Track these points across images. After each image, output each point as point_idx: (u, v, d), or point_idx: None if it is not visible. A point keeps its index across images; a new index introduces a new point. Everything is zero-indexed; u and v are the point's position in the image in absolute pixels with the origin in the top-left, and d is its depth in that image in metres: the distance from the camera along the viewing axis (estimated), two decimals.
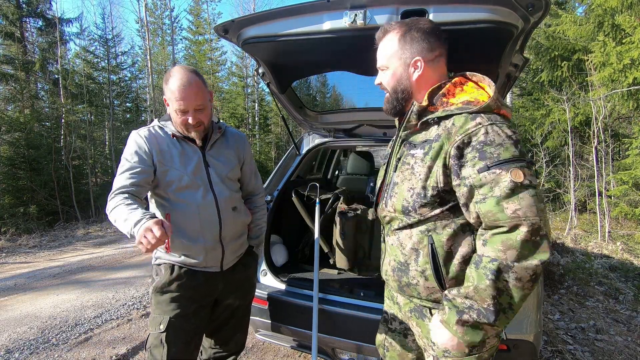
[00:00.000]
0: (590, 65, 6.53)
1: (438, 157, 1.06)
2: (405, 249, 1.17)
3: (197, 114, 1.50)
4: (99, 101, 13.45)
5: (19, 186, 8.79)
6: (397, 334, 1.35)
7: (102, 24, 15.13)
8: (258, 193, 1.92)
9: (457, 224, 1.09)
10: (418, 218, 1.11)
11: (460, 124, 1.03)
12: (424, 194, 1.08)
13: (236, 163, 1.72)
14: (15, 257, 6.07)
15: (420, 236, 1.13)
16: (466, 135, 1.01)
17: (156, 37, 21.33)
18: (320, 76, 2.65)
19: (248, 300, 1.89)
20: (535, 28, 1.41)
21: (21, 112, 9.54)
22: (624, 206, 6.41)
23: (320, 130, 2.67)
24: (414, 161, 1.12)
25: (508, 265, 0.94)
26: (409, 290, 1.19)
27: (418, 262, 1.14)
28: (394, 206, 1.17)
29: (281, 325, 2.09)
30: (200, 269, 1.60)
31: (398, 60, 1.15)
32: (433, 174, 1.07)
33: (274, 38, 1.59)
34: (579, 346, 2.85)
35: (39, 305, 3.73)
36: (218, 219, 1.58)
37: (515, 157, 0.96)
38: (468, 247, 1.09)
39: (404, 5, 1.35)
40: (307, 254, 2.78)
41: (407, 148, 1.18)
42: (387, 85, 1.20)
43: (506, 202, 0.94)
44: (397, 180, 1.18)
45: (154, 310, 1.57)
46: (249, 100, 20.28)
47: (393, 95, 1.20)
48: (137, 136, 1.54)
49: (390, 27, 1.17)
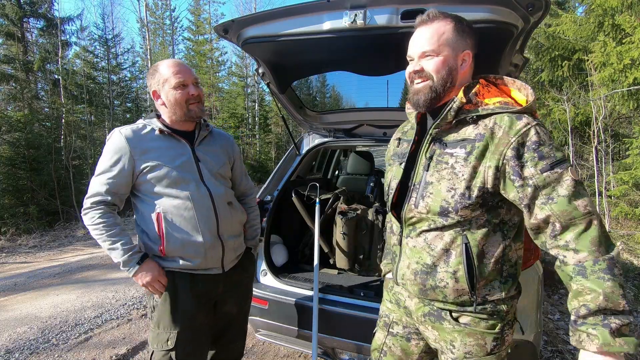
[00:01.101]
0: (590, 65, 6.53)
1: (484, 158, 1.04)
2: (435, 250, 1.12)
3: (196, 88, 1.52)
4: (99, 101, 13.45)
5: (19, 186, 8.78)
6: (400, 338, 1.31)
7: (102, 24, 15.15)
8: (250, 194, 1.90)
9: (491, 223, 1.09)
10: (457, 220, 1.08)
11: (508, 124, 1.02)
12: (469, 194, 1.05)
13: (226, 161, 1.69)
14: (15, 257, 6.07)
15: (454, 235, 1.10)
16: (519, 136, 1.01)
17: (157, 37, 21.33)
18: (320, 76, 2.65)
19: (246, 306, 1.84)
20: (536, 28, 1.41)
21: (21, 112, 9.53)
22: (624, 206, 6.41)
23: (320, 130, 2.67)
24: (454, 160, 1.08)
25: (609, 257, 0.94)
26: (433, 294, 1.15)
27: (449, 263, 1.10)
28: (427, 207, 1.11)
29: (281, 325, 2.09)
30: (201, 272, 1.54)
31: (451, 49, 1.10)
32: (479, 174, 1.05)
33: (274, 38, 1.59)
34: None
35: (39, 305, 3.73)
36: (214, 212, 1.53)
37: (565, 157, 1.00)
38: (498, 247, 1.09)
39: (404, 5, 1.35)
40: (307, 254, 2.77)
41: (439, 147, 1.13)
42: (434, 72, 1.11)
43: (576, 200, 0.96)
44: (431, 179, 1.12)
45: (157, 325, 1.49)
46: (249, 100, 20.29)
47: (439, 83, 1.11)
48: (119, 135, 1.48)
49: (438, 15, 1.11)
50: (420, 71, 1.13)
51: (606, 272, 0.93)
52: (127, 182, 1.47)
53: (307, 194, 2.57)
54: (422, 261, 1.15)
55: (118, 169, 1.45)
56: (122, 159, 1.45)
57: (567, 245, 0.97)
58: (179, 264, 1.50)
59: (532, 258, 1.75)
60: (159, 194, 1.49)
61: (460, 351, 1.13)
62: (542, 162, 0.98)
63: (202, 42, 20.55)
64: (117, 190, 1.47)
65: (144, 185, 1.49)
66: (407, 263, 1.19)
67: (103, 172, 1.46)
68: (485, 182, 1.04)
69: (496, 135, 1.03)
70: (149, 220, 1.49)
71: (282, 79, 2.13)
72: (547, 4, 1.23)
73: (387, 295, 1.38)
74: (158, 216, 1.47)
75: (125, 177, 1.46)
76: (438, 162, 1.12)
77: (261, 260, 2.29)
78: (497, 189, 1.05)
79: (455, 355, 1.13)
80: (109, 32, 15.40)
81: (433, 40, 1.10)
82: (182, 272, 1.51)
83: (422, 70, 1.12)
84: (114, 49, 15.32)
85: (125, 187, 1.49)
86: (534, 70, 9.57)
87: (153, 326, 1.50)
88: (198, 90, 1.53)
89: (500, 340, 1.13)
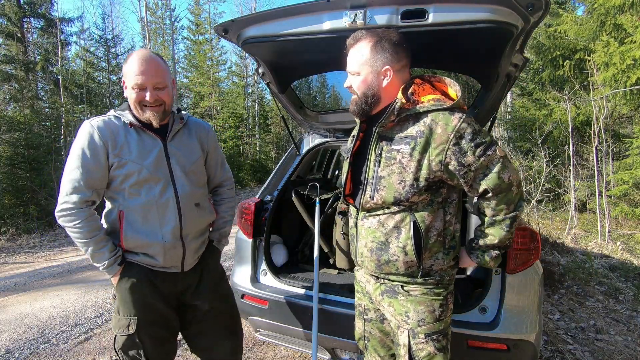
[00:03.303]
0: (592, 65, 6.53)
1: (426, 152, 1.20)
2: (387, 229, 1.28)
3: (157, 92, 1.42)
4: (99, 101, 13.46)
5: (19, 186, 8.79)
6: (375, 322, 1.46)
7: (102, 24, 15.16)
8: (226, 184, 1.82)
9: (435, 202, 1.26)
10: (408, 205, 1.25)
11: (444, 121, 1.19)
12: (416, 185, 1.21)
13: (200, 155, 1.62)
14: (15, 257, 6.07)
15: (403, 215, 1.26)
16: (456, 131, 1.17)
17: (157, 36, 21.33)
18: (320, 76, 2.65)
19: (222, 303, 1.71)
20: (536, 28, 1.40)
21: (21, 112, 9.53)
22: (624, 206, 6.41)
23: (320, 130, 2.67)
24: (401, 156, 1.23)
25: (514, 215, 1.24)
26: (387, 268, 1.31)
27: (400, 239, 1.26)
28: (382, 199, 1.26)
29: (281, 325, 2.08)
30: (159, 269, 1.51)
31: (369, 68, 1.26)
32: (424, 166, 1.21)
33: (274, 38, 1.59)
34: (579, 346, 2.85)
35: (39, 305, 3.73)
36: (178, 215, 1.48)
37: (493, 138, 1.22)
38: (440, 222, 1.28)
39: (404, 5, 1.34)
40: (307, 254, 2.77)
41: (386, 143, 1.28)
42: (357, 89, 1.30)
43: (502, 173, 1.19)
44: (382, 174, 1.27)
45: (117, 311, 1.49)
46: (249, 100, 20.30)
47: (362, 99, 1.30)
48: (90, 127, 1.41)
49: (362, 36, 1.27)
50: (349, 87, 1.33)
51: (507, 225, 1.25)
52: (104, 175, 1.42)
53: (307, 194, 2.57)
54: (377, 239, 1.31)
55: (94, 163, 1.39)
56: (97, 152, 1.39)
57: (489, 204, 1.25)
58: (138, 257, 1.49)
59: (532, 258, 1.75)
60: (123, 191, 1.44)
61: (413, 320, 1.29)
62: (478, 149, 1.17)
63: (202, 42, 20.55)
64: (95, 185, 1.41)
65: (112, 181, 1.45)
66: (363, 242, 1.35)
67: (78, 167, 1.38)
68: (430, 172, 1.21)
69: (435, 131, 1.19)
70: (111, 214, 1.48)
71: (282, 79, 2.13)
72: (547, 4, 1.23)
73: (357, 286, 1.54)
74: (120, 214, 1.44)
75: (101, 170, 1.41)
76: (387, 158, 1.26)
77: (261, 260, 2.29)
78: (440, 176, 1.22)
79: (410, 325, 1.29)
80: (109, 32, 15.41)
81: (354, 60, 1.29)
82: (141, 265, 1.50)
83: (350, 87, 1.32)
84: (114, 49, 15.32)
85: (101, 181, 1.43)
86: (535, 70, 9.57)
87: (114, 312, 1.51)
88: (158, 96, 1.43)
89: (446, 307, 1.32)
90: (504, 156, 1.20)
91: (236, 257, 2.36)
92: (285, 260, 2.54)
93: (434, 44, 1.54)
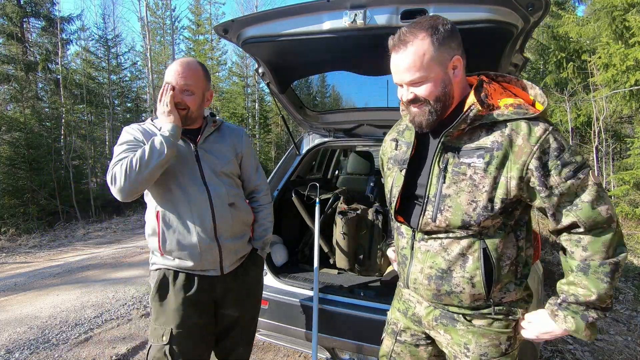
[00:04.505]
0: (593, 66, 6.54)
1: (504, 167, 1.00)
2: (451, 255, 1.08)
3: (183, 95, 1.47)
4: (99, 101, 13.45)
5: (19, 186, 8.80)
6: (408, 345, 1.28)
7: (103, 24, 15.16)
8: (261, 191, 1.80)
9: (507, 225, 1.07)
10: (478, 230, 1.05)
11: (527, 131, 0.99)
12: (491, 207, 1.01)
13: (232, 157, 1.63)
14: (15, 257, 6.07)
15: (471, 241, 1.06)
16: (541, 144, 0.98)
17: (157, 36, 21.34)
18: (320, 76, 2.65)
19: (251, 310, 1.74)
20: (536, 28, 1.40)
21: (21, 112, 9.53)
22: (624, 206, 6.41)
23: (320, 130, 2.67)
24: (473, 171, 1.03)
25: (614, 262, 0.98)
26: (448, 299, 1.11)
27: (466, 268, 1.07)
28: (447, 221, 1.06)
29: (281, 325, 2.08)
30: (198, 273, 1.52)
31: (438, 66, 1.02)
32: (500, 185, 1.01)
33: (274, 38, 1.59)
34: (578, 346, 2.85)
35: (39, 305, 3.73)
36: (211, 214, 1.49)
37: (585, 161, 1.00)
38: (513, 248, 1.09)
39: (404, 5, 1.35)
40: (307, 254, 2.77)
41: (452, 155, 1.07)
42: (429, 96, 1.04)
43: (597, 205, 0.97)
44: (448, 192, 1.06)
45: (155, 321, 1.49)
46: (249, 100, 20.29)
47: (436, 105, 1.05)
48: (131, 129, 1.52)
49: (409, 34, 1.01)
50: (414, 99, 1.06)
51: (607, 274, 0.98)
52: None
53: (307, 194, 2.57)
54: (437, 266, 1.11)
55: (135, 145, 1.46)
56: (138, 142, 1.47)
57: (579, 241, 1.00)
58: (175, 262, 1.49)
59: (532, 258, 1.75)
60: (159, 191, 1.48)
61: (475, 353, 1.11)
62: (566, 169, 0.97)
63: (202, 42, 20.55)
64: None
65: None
66: (419, 267, 1.15)
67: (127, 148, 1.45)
68: (508, 192, 1.01)
69: (515, 143, 1.00)
70: (151, 216, 1.51)
71: (282, 79, 2.13)
72: (547, 4, 1.23)
73: (397, 303, 1.34)
74: (157, 214, 1.48)
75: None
76: (455, 173, 1.06)
77: None
78: (519, 196, 1.03)
79: (470, 358, 1.11)
80: (109, 32, 15.42)
81: (414, 65, 1.01)
82: (178, 270, 1.51)
83: (415, 98, 1.06)
84: (115, 49, 15.32)
85: None
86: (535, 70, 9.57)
87: (152, 321, 1.51)
88: (183, 99, 1.48)
89: (513, 339, 1.13)
90: (598, 184, 0.98)
91: None
92: (285, 260, 2.54)
93: None
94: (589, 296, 0.99)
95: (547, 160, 0.98)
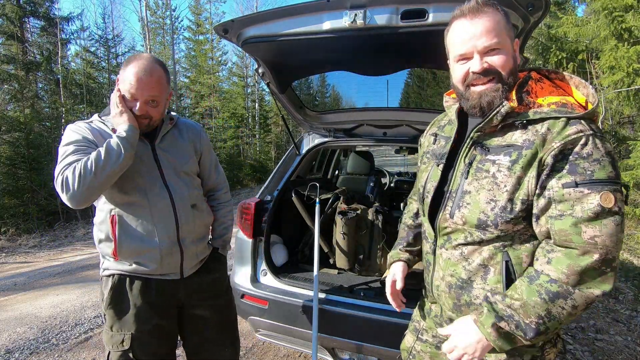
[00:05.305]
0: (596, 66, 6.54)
1: (530, 167, 0.92)
2: (472, 265, 1.02)
3: (146, 106, 1.35)
4: (99, 101, 13.45)
5: (19, 186, 8.79)
6: (429, 346, 1.25)
7: (103, 24, 15.17)
8: (221, 188, 1.75)
9: (535, 237, 0.98)
10: (497, 234, 0.97)
11: (558, 129, 0.91)
12: (511, 208, 0.94)
13: (192, 156, 1.55)
14: (15, 257, 6.07)
15: (493, 251, 0.99)
16: (564, 143, 0.89)
17: (157, 36, 21.34)
18: (320, 76, 2.65)
19: (225, 311, 1.68)
20: (535, 28, 1.40)
21: (21, 112, 9.53)
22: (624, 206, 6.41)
23: (320, 130, 2.67)
24: (496, 169, 0.97)
25: (569, 290, 0.87)
26: (467, 310, 1.05)
27: (487, 280, 1.00)
28: (464, 218, 1.01)
29: (281, 325, 2.08)
30: (156, 277, 1.44)
31: (510, 40, 0.97)
32: (523, 185, 0.93)
33: (274, 38, 1.59)
34: (578, 346, 2.85)
35: (39, 305, 3.73)
36: (174, 217, 1.42)
37: (610, 179, 0.87)
38: None
39: (404, 5, 1.35)
40: (307, 254, 2.77)
41: (480, 152, 1.01)
42: (503, 68, 0.96)
43: (585, 226, 0.86)
44: (469, 188, 1.01)
45: (111, 327, 1.41)
46: (249, 100, 20.31)
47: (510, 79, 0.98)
48: (78, 127, 1.37)
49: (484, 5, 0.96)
50: (488, 69, 0.97)
51: (550, 295, 0.88)
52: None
53: (307, 194, 2.57)
54: (457, 275, 1.06)
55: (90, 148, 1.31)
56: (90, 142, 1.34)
57: (548, 252, 0.92)
58: (132, 267, 1.40)
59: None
60: (115, 195, 1.38)
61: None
62: (570, 176, 0.88)
63: (202, 42, 20.56)
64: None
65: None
66: (440, 274, 1.11)
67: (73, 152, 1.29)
68: (530, 194, 0.93)
69: (546, 141, 0.92)
70: (104, 220, 1.40)
71: (282, 79, 2.13)
72: (547, 4, 1.23)
73: (422, 301, 1.31)
74: (112, 218, 1.37)
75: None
76: (478, 169, 1.00)
77: (261, 260, 2.29)
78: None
79: None
80: (109, 32, 15.42)
81: (495, 31, 0.94)
82: (134, 276, 1.42)
83: (489, 69, 0.97)
84: (115, 49, 15.32)
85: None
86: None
87: (106, 328, 1.43)
88: (146, 110, 1.35)
89: (540, 358, 1.03)
90: (610, 210, 0.85)
91: (236, 257, 2.36)
92: (285, 260, 2.55)
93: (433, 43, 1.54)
94: (515, 299, 0.91)
95: (560, 160, 0.90)
